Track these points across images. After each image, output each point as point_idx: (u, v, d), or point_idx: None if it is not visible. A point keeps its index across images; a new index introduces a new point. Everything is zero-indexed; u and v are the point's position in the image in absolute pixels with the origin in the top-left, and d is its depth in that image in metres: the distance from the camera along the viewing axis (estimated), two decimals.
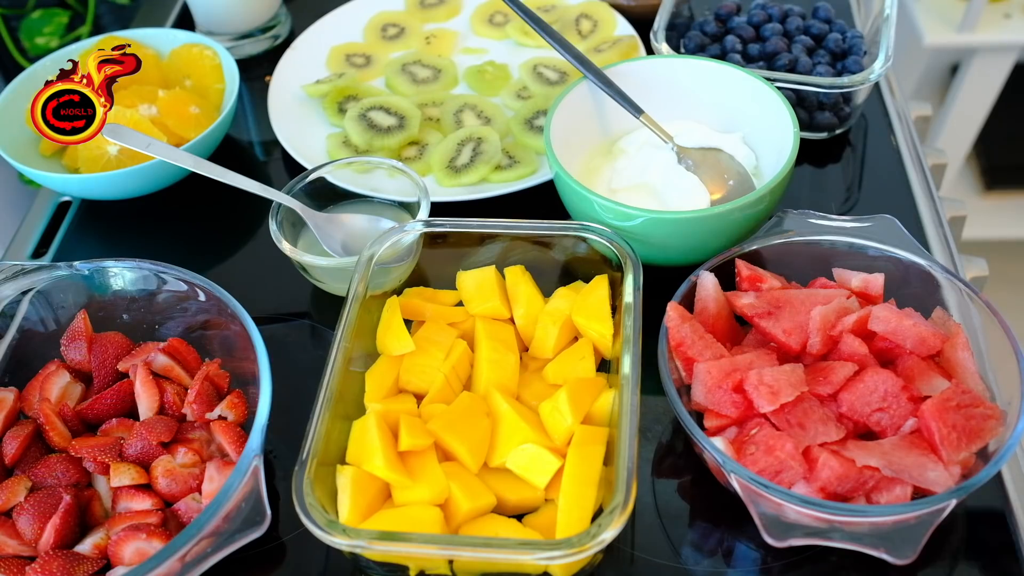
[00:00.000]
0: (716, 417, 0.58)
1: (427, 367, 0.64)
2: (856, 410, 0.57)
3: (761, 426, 0.56)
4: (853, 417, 0.57)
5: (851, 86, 0.81)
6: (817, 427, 0.55)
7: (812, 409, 0.56)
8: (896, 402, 0.56)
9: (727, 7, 0.94)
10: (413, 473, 0.58)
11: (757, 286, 0.64)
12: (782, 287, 0.64)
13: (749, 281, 0.64)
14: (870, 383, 0.56)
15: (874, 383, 0.56)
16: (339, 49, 1.00)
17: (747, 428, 0.57)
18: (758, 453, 0.55)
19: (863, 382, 0.57)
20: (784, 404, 0.55)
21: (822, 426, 0.56)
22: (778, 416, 0.56)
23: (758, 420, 0.57)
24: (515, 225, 0.68)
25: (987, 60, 1.70)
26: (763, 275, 0.64)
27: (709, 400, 0.58)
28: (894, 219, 0.67)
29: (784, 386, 0.55)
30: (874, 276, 0.64)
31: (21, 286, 0.67)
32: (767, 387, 0.55)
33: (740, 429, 0.58)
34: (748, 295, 0.62)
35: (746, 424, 0.57)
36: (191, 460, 0.61)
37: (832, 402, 0.58)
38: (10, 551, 0.57)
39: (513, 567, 0.55)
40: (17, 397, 0.65)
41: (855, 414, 0.57)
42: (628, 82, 0.78)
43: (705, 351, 0.60)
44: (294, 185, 0.76)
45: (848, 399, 0.57)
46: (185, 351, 0.67)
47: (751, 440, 0.56)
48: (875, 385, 0.56)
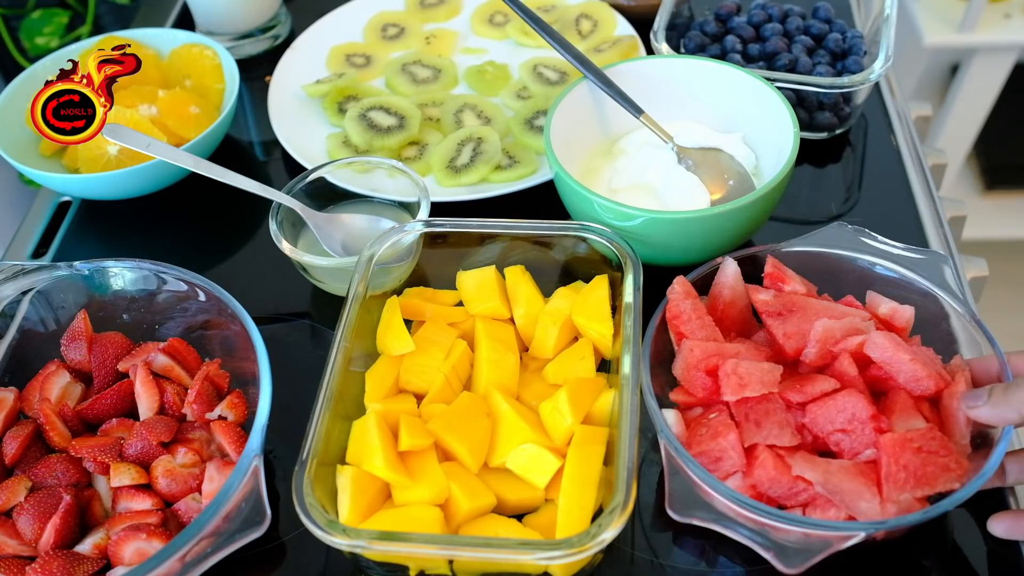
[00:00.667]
0: (685, 394, 0.59)
1: (427, 367, 0.64)
2: (819, 424, 0.56)
3: (720, 412, 0.57)
4: (814, 431, 0.57)
5: (851, 86, 0.81)
6: (772, 428, 0.55)
7: (774, 411, 0.56)
8: (861, 428, 0.55)
9: (727, 7, 0.94)
10: (413, 473, 0.58)
11: (779, 285, 0.63)
12: (806, 293, 0.63)
13: (771, 278, 0.64)
14: (840, 403, 0.56)
15: (843, 404, 0.56)
16: (339, 49, 1.00)
17: (709, 411, 0.58)
18: (705, 436, 0.56)
19: (834, 400, 0.56)
20: (748, 398, 0.56)
21: (777, 429, 0.55)
22: (738, 407, 0.56)
23: (720, 406, 0.58)
24: (515, 225, 0.68)
25: (987, 60, 1.70)
26: (789, 276, 0.63)
27: (684, 376, 0.59)
28: (947, 256, 0.66)
29: (754, 381, 0.56)
30: (903, 308, 0.62)
31: (21, 286, 0.67)
32: (737, 377, 0.56)
33: (704, 411, 0.59)
34: (768, 292, 0.62)
35: (710, 408, 0.58)
36: (191, 460, 0.61)
37: (799, 411, 0.57)
38: (10, 551, 0.57)
39: (513, 567, 0.55)
40: (17, 397, 0.65)
41: (817, 428, 0.56)
42: (628, 82, 0.78)
43: (699, 331, 0.60)
44: (294, 185, 0.76)
45: (814, 412, 0.56)
46: (185, 351, 0.67)
47: (705, 423, 0.57)
48: (844, 406, 0.56)
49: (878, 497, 0.53)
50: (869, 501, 0.52)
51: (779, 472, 0.54)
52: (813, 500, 0.54)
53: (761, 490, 0.55)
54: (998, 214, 1.94)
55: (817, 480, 0.53)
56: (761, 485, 0.54)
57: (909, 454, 0.53)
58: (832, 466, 0.54)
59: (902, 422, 0.56)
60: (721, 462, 0.55)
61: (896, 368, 0.58)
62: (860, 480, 0.53)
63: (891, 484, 0.52)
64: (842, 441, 0.56)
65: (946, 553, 0.59)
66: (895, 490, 0.52)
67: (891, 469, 0.53)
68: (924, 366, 0.57)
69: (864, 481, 0.53)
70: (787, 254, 0.66)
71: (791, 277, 0.64)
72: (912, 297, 0.64)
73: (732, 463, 0.55)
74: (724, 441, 0.55)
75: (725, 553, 0.60)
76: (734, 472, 0.55)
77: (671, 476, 0.55)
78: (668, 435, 0.55)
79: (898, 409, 0.57)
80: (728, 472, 0.55)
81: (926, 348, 0.60)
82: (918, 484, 0.52)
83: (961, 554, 0.59)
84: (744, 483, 0.55)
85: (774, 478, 0.54)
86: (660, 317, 0.61)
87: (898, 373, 0.58)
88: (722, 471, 0.55)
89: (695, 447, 0.56)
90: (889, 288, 0.64)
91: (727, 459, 0.55)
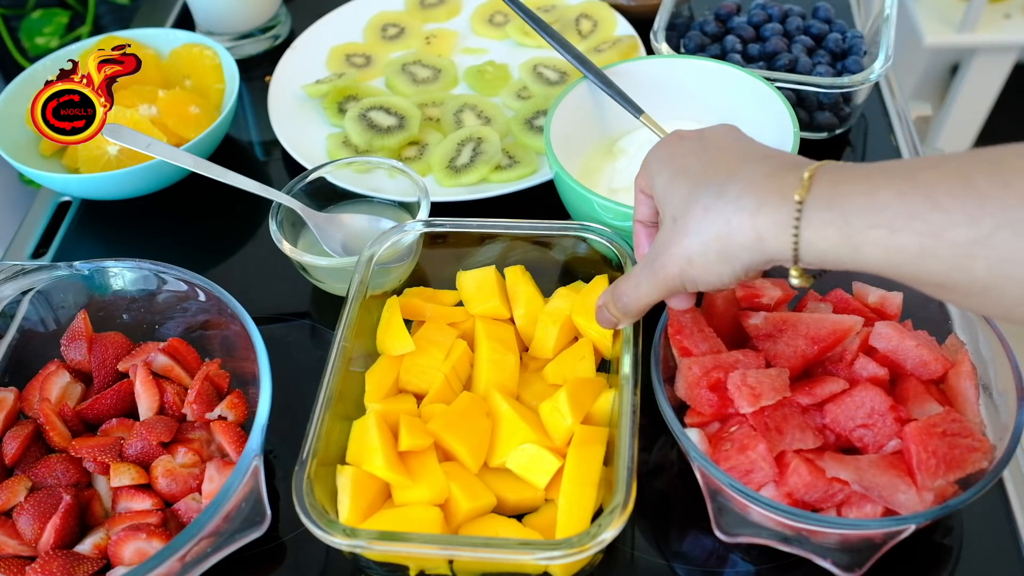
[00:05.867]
0: (696, 414, 0.59)
1: (427, 367, 0.64)
2: (840, 423, 0.56)
3: (741, 425, 0.56)
4: (836, 430, 0.57)
5: (851, 86, 0.81)
6: (795, 433, 0.55)
7: (792, 415, 0.56)
8: (882, 421, 0.55)
9: (727, 7, 0.94)
10: (413, 473, 0.58)
11: (755, 301, 0.63)
12: (783, 295, 0.63)
13: (747, 299, 0.63)
14: (857, 398, 0.56)
15: (861, 399, 0.56)
16: (339, 49, 1.00)
17: (727, 425, 0.57)
18: (731, 451, 0.55)
19: (851, 396, 0.56)
20: (764, 407, 0.55)
21: (799, 433, 0.55)
22: (756, 418, 0.56)
23: (739, 419, 0.57)
24: (515, 225, 0.68)
25: (987, 60, 1.70)
26: (760, 287, 0.63)
27: (688, 396, 0.58)
28: None
29: (767, 389, 0.55)
30: (892, 294, 0.63)
31: (21, 286, 0.67)
32: (748, 388, 0.55)
33: (722, 425, 0.58)
34: (757, 316, 0.62)
35: (728, 421, 0.58)
36: (191, 460, 0.61)
37: (817, 412, 0.57)
38: (10, 551, 0.57)
39: (513, 567, 0.55)
40: (17, 397, 0.65)
41: (838, 427, 0.56)
42: (628, 82, 0.78)
43: (702, 343, 0.60)
44: (294, 185, 0.76)
45: (833, 411, 0.56)
46: (185, 351, 0.67)
47: (728, 437, 0.56)
48: (862, 401, 0.56)
49: (913, 487, 0.53)
50: (906, 492, 0.52)
51: (814, 477, 0.53)
52: (848, 499, 0.54)
53: (797, 496, 0.54)
54: None
55: (852, 479, 0.53)
56: (797, 492, 0.53)
57: (936, 440, 0.53)
58: (862, 463, 0.54)
59: (919, 409, 0.56)
60: (752, 474, 0.54)
61: (903, 356, 0.58)
62: (892, 472, 0.53)
63: (924, 472, 0.52)
64: (865, 436, 0.56)
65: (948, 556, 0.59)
66: (929, 478, 0.52)
67: (921, 457, 0.52)
68: (930, 350, 0.57)
69: (897, 473, 0.53)
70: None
71: (762, 287, 0.63)
72: (898, 283, 0.64)
73: (764, 474, 0.54)
74: (753, 453, 0.54)
75: (725, 553, 0.60)
76: (766, 483, 0.54)
77: (711, 497, 0.54)
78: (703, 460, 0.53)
79: (912, 396, 0.57)
80: (760, 483, 0.54)
81: (921, 331, 0.60)
82: (949, 469, 0.53)
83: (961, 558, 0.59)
84: (779, 492, 0.54)
85: (810, 483, 0.53)
86: (663, 334, 0.61)
87: (905, 360, 0.58)
88: (754, 483, 0.54)
89: (723, 463, 0.54)
90: (873, 275, 0.65)
91: (758, 471, 0.54)
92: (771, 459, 0.54)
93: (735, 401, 0.56)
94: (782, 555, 0.58)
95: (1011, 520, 0.60)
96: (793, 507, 0.52)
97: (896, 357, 0.58)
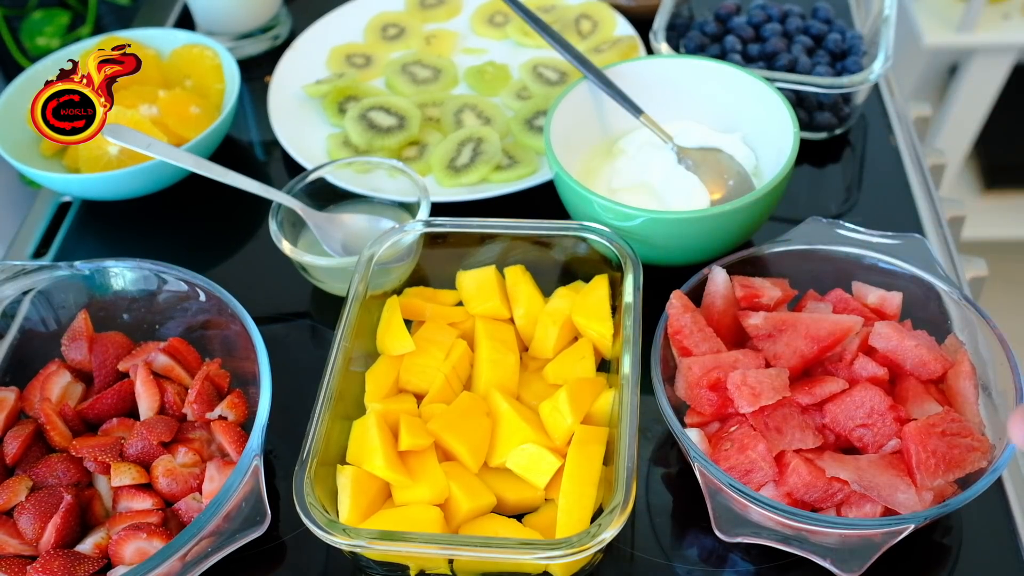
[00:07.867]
0: (696, 414, 0.59)
1: (427, 367, 0.64)
2: (839, 423, 0.56)
3: (740, 424, 0.57)
4: (836, 429, 0.57)
5: (851, 86, 0.81)
6: (794, 433, 0.55)
7: (791, 415, 0.56)
8: (881, 420, 0.55)
9: (727, 7, 0.94)
10: (413, 473, 0.58)
11: (755, 302, 0.63)
12: (783, 296, 0.64)
13: (747, 300, 0.63)
14: (857, 398, 0.56)
15: (861, 399, 0.56)
16: (339, 49, 1.00)
17: (727, 425, 0.57)
18: (731, 450, 0.55)
19: (850, 396, 0.56)
20: (764, 406, 0.55)
21: (799, 432, 0.55)
22: (756, 417, 0.56)
23: (739, 419, 0.57)
24: (515, 225, 0.68)
25: (986, 60, 1.70)
26: (759, 288, 0.63)
27: (688, 396, 0.59)
28: (923, 239, 0.66)
29: (766, 389, 0.55)
30: (892, 294, 0.63)
31: (22, 286, 0.67)
32: (748, 388, 0.55)
33: (722, 425, 0.58)
34: (757, 315, 0.62)
35: (728, 421, 0.58)
36: (191, 460, 0.61)
37: (816, 411, 0.57)
38: (11, 550, 0.57)
39: (513, 567, 0.56)
40: (18, 397, 0.65)
41: (838, 427, 0.57)
42: (628, 82, 0.78)
43: (702, 344, 0.60)
44: (294, 185, 0.76)
45: (833, 411, 0.57)
46: (185, 351, 0.67)
47: (728, 437, 0.56)
48: (861, 401, 0.56)
49: (913, 487, 0.53)
50: (905, 492, 0.53)
51: (813, 476, 0.53)
52: (847, 499, 0.54)
53: (796, 496, 0.54)
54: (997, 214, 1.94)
55: (852, 478, 0.53)
56: (796, 491, 0.54)
57: (935, 440, 0.53)
58: (862, 462, 0.54)
59: (918, 409, 0.57)
60: (752, 474, 0.54)
61: (903, 356, 0.58)
62: (892, 472, 0.53)
63: (923, 472, 0.53)
64: (865, 436, 0.56)
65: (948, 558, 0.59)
66: (928, 477, 0.52)
67: (921, 457, 0.53)
68: (929, 350, 0.58)
69: (896, 472, 0.53)
70: (769, 256, 0.66)
71: (762, 287, 0.63)
72: (898, 283, 0.64)
73: (764, 474, 0.54)
74: (753, 453, 0.54)
75: (732, 552, 0.60)
76: (766, 483, 0.55)
77: (711, 497, 0.55)
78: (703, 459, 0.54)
79: (911, 396, 0.57)
80: (760, 483, 0.54)
81: (921, 331, 0.60)
82: (949, 468, 0.53)
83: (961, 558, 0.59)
84: (778, 492, 0.54)
85: (809, 483, 0.53)
86: (663, 335, 0.61)
87: (905, 360, 0.58)
88: (754, 483, 0.54)
89: (723, 462, 0.55)
90: (872, 276, 0.65)
91: (758, 471, 0.54)
92: (771, 459, 0.54)
93: (735, 401, 0.56)
94: (782, 555, 0.58)
95: (1010, 519, 0.60)
96: (793, 507, 0.52)
97: (895, 357, 0.58)
